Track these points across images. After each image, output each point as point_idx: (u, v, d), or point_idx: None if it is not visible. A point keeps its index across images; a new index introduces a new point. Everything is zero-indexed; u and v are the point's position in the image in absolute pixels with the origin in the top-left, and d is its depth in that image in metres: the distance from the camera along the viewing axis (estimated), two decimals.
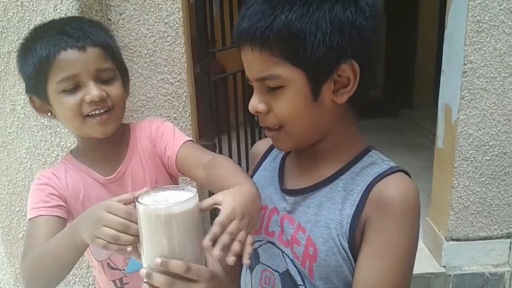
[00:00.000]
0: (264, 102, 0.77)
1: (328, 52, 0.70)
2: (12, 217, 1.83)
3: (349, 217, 0.75)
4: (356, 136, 0.83)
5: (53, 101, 0.94)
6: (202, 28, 2.11)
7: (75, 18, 1.02)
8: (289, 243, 0.81)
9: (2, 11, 1.60)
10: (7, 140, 1.73)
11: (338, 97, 0.75)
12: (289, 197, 0.84)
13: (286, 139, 0.80)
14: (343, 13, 0.69)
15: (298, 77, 0.73)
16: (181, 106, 1.90)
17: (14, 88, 1.66)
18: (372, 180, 0.76)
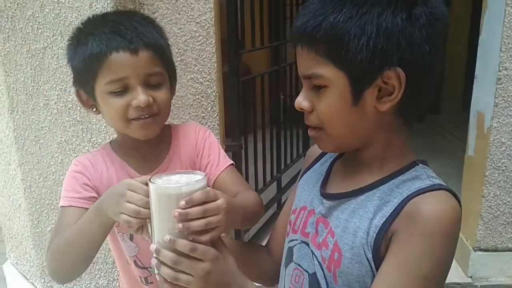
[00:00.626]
0: (308, 100, 0.77)
1: (370, 56, 0.69)
2: (41, 210, 1.87)
3: (377, 227, 0.73)
4: (404, 148, 0.80)
5: (100, 99, 0.94)
6: (233, 28, 2.10)
7: (129, 14, 0.98)
8: (320, 246, 0.82)
9: (38, 7, 1.63)
10: (40, 134, 1.76)
11: (381, 104, 0.73)
12: (326, 201, 0.84)
13: (326, 140, 0.80)
14: (392, 19, 0.68)
15: (340, 79, 0.73)
16: (209, 106, 1.91)
17: (48, 84, 1.69)
18: (410, 194, 0.73)
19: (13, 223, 2.07)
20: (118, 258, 1.08)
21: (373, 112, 0.74)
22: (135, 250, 1.03)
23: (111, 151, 1.04)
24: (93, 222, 0.86)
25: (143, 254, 1.03)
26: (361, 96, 0.73)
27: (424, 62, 0.71)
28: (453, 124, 4.59)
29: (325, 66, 0.73)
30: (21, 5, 1.63)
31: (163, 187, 0.72)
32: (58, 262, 0.92)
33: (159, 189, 0.72)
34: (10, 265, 2.24)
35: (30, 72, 1.70)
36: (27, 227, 1.93)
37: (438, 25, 0.72)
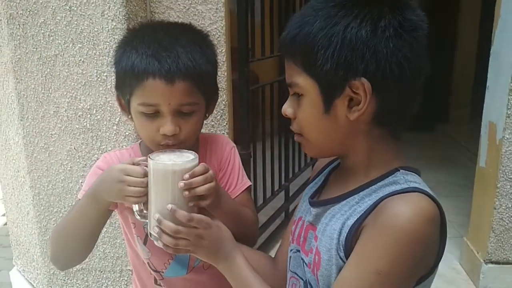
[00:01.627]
0: (292, 107, 0.82)
1: (335, 67, 0.72)
2: (49, 218, 1.86)
3: (348, 226, 0.75)
4: (388, 156, 0.80)
5: (133, 114, 0.96)
6: (243, 37, 2.10)
7: (179, 33, 0.94)
8: (307, 252, 0.85)
9: (50, 14, 1.63)
10: (49, 141, 1.75)
11: (350, 113, 0.75)
12: (313, 209, 0.86)
13: (308, 146, 0.84)
14: (357, 32, 0.71)
15: (312, 88, 0.77)
16: (219, 114, 1.90)
17: (58, 91, 1.69)
18: (383, 195, 0.74)
19: (20, 230, 2.07)
20: (136, 256, 1.09)
21: (344, 120, 0.76)
22: (148, 254, 1.04)
23: (138, 151, 1.06)
24: (90, 207, 0.90)
25: (156, 258, 1.04)
26: (332, 105, 0.76)
27: (393, 73, 0.72)
28: (462, 134, 4.55)
29: (300, 75, 0.77)
30: (33, 12, 1.64)
31: (170, 165, 0.82)
32: (58, 245, 0.97)
33: (168, 167, 0.81)
34: (16, 272, 2.23)
35: (40, 79, 1.70)
36: (35, 234, 1.92)
37: (409, 37, 0.73)
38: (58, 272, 1.92)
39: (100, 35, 1.62)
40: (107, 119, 1.70)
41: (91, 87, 1.67)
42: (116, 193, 0.85)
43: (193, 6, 1.79)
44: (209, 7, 1.79)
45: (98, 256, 1.88)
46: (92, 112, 1.70)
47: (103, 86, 1.67)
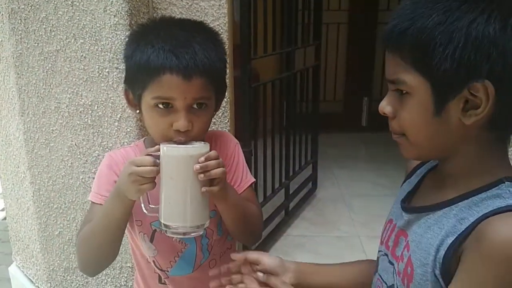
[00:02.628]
0: (391, 105, 0.75)
1: (456, 66, 0.66)
2: (49, 214, 1.85)
3: (447, 244, 0.70)
4: (494, 165, 0.74)
5: (145, 109, 0.96)
6: (246, 35, 2.09)
7: (195, 29, 0.97)
8: (398, 259, 0.81)
9: (52, 9, 1.62)
10: (50, 137, 1.74)
11: (466, 117, 0.69)
12: (405, 214, 0.82)
13: (408, 147, 0.77)
14: (484, 28, 0.64)
15: (423, 88, 0.70)
16: (220, 112, 1.89)
17: (60, 87, 1.68)
18: (486, 212, 0.67)
19: (20, 226, 2.06)
20: (140, 255, 1.09)
21: (457, 124, 0.70)
22: (154, 252, 1.04)
23: (143, 148, 1.06)
24: (115, 206, 0.91)
25: (162, 256, 1.04)
26: (444, 107, 0.70)
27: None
28: None
29: (409, 72, 0.70)
30: (35, 7, 1.62)
31: (186, 149, 0.85)
32: (87, 251, 0.98)
33: (183, 152, 0.84)
34: (16, 268, 2.22)
35: (42, 75, 1.69)
36: (35, 230, 1.91)
37: None
38: (57, 268, 1.92)
39: (102, 31, 1.61)
40: (108, 115, 1.69)
41: (93, 83, 1.66)
42: (131, 188, 0.86)
43: (196, 3, 1.77)
44: (212, 3, 1.78)
45: None
46: (94, 108, 1.69)
47: (104, 82, 1.66)
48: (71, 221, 1.84)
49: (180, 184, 0.84)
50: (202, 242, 1.04)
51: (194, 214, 0.86)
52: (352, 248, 2.62)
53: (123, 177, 0.88)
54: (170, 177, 0.84)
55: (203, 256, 1.05)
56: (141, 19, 1.68)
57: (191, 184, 0.84)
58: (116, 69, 1.64)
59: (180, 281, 1.06)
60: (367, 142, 4.43)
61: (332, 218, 2.99)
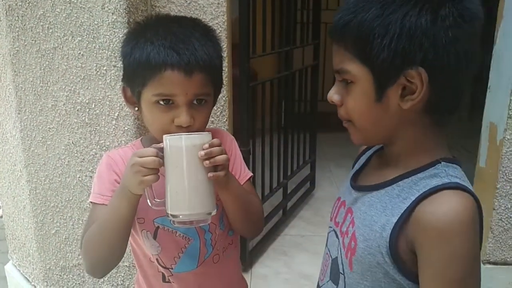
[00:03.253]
0: (339, 94, 0.81)
1: (392, 55, 0.71)
2: (46, 213, 1.84)
3: (393, 223, 0.75)
4: (431, 147, 0.80)
5: (145, 106, 0.96)
6: (245, 33, 2.08)
7: (192, 26, 0.97)
8: (343, 234, 0.87)
9: (50, 7, 1.61)
10: (47, 135, 1.73)
11: (403, 102, 0.75)
12: (354, 192, 0.88)
13: (356, 133, 0.83)
14: (416, 20, 0.70)
15: (365, 76, 0.75)
16: (219, 111, 1.88)
17: (57, 84, 1.67)
18: (424, 191, 0.74)
19: (16, 225, 2.05)
20: (142, 255, 1.08)
21: (397, 109, 0.76)
22: (157, 250, 1.03)
23: (141, 147, 1.05)
24: (121, 204, 0.90)
25: (165, 252, 1.03)
26: (385, 94, 0.75)
27: (450, 63, 0.71)
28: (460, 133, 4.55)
29: (352, 62, 0.76)
30: (32, 4, 1.61)
31: (190, 138, 0.85)
32: (94, 251, 0.96)
33: (187, 141, 0.85)
34: (12, 266, 2.21)
35: (39, 72, 1.67)
36: (31, 229, 1.90)
37: (468, 26, 0.72)
38: (54, 267, 1.91)
39: (100, 29, 1.60)
40: (106, 113, 1.68)
41: (90, 81, 1.65)
42: (134, 180, 0.86)
43: (194, 1, 1.77)
44: (211, 1, 1.77)
45: None
46: (91, 107, 1.68)
47: (102, 80, 1.65)
48: (68, 220, 1.83)
49: (186, 172, 0.85)
50: (205, 237, 1.04)
51: (201, 201, 0.87)
52: None
53: (127, 170, 0.88)
54: (176, 166, 0.85)
55: (206, 251, 1.05)
56: (139, 16, 1.67)
57: (196, 172, 0.85)
58: (114, 67, 1.63)
59: (185, 278, 1.05)
60: None
61: None
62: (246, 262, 2.40)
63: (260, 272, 2.41)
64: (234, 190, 0.96)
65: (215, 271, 1.07)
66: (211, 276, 1.07)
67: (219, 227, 1.05)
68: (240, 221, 1.05)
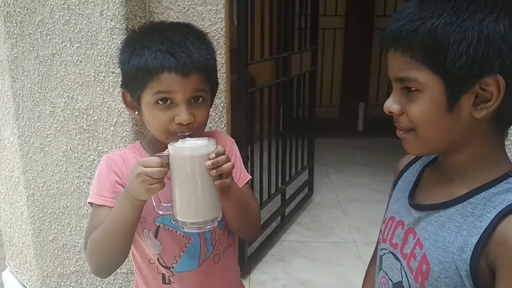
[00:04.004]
0: (398, 103, 0.77)
1: (470, 62, 0.69)
2: (43, 219, 1.83)
3: (473, 244, 0.71)
4: (498, 158, 0.77)
5: (145, 108, 0.98)
6: (243, 40, 2.09)
7: (186, 31, 1.01)
8: (407, 257, 0.83)
9: (48, 13, 1.61)
10: (45, 142, 1.73)
11: (477, 111, 0.72)
12: (415, 211, 0.84)
13: (415, 142, 0.79)
14: (494, 26, 0.68)
15: (435, 84, 0.72)
16: (217, 117, 1.88)
17: (55, 91, 1.67)
18: (503, 208, 0.70)
19: (14, 231, 2.04)
20: (140, 258, 1.09)
21: (468, 118, 0.73)
22: (159, 249, 1.05)
23: (141, 149, 1.08)
24: (126, 207, 0.92)
25: (166, 252, 1.04)
26: (457, 103, 0.72)
27: None
28: None
29: (420, 70, 0.73)
30: (31, 11, 1.61)
31: (196, 148, 0.86)
32: (98, 254, 0.98)
33: (194, 151, 0.86)
34: (9, 273, 2.20)
35: (37, 79, 1.67)
36: (29, 235, 1.89)
37: None
38: (51, 274, 1.90)
39: (99, 35, 1.60)
40: (104, 119, 1.68)
41: (88, 87, 1.65)
42: (140, 189, 0.88)
43: (192, 7, 1.77)
44: (209, 8, 1.78)
45: None
46: (89, 113, 1.68)
47: (100, 87, 1.65)
48: (66, 227, 1.83)
49: (193, 181, 0.86)
50: (205, 237, 1.05)
51: (208, 208, 0.89)
52: (348, 254, 2.61)
53: (132, 179, 0.89)
54: (183, 176, 0.86)
55: (207, 250, 1.06)
56: (137, 23, 1.68)
57: (203, 180, 0.87)
58: (112, 73, 1.63)
59: (186, 278, 1.06)
60: (363, 147, 4.43)
61: (328, 224, 2.97)
62: (244, 269, 2.39)
63: (259, 279, 2.40)
64: (234, 194, 0.97)
65: (215, 271, 1.08)
66: (212, 276, 1.08)
67: (219, 227, 1.06)
68: (237, 223, 1.06)
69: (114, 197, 1.00)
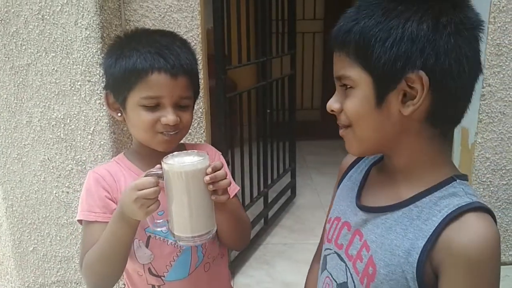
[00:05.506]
0: (338, 102, 0.81)
1: (393, 58, 0.72)
2: (23, 230, 1.82)
3: (419, 248, 0.73)
4: (441, 161, 0.79)
5: (130, 109, 1.00)
6: (220, 46, 2.10)
7: (171, 37, 1.05)
8: (353, 258, 0.84)
9: (22, 23, 1.61)
10: (22, 152, 1.72)
11: (404, 108, 0.74)
12: (362, 213, 0.85)
13: (354, 141, 0.82)
14: (418, 25, 0.71)
15: (365, 81, 0.76)
16: (196, 122, 1.89)
17: (31, 101, 1.67)
18: (449, 213, 0.72)
19: None
20: (130, 270, 1.09)
21: (398, 116, 0.75)
22: (150, 258, 1.05)
23: (126, 160, 1.08)
24: (121, 228, 0.93)
25: (158, 260, 1.05)
26: (385, 99, 0.75)
27: (451, 70, 0.72)
28: None
29: (353, 68, 0.77)
30: (5, 22, 1.61)
31: (193, 164, 0.86)
32: (95, 274, 0.99)
33: (190, 166, 0.86)
34: None
35: (13, 89, 1.67)
36: (8, 247, 1.88)
37: (469, 35, 0.73)
38: (32, 284, 1.88)
39: (74, 44, 1.61)
40: (81, 128, 1.68)
41: (65, 97, 1.65)
42: (138, 212, 0.88)
43: (168, 14, 1.78)
44: (185, 15, 1.79)
45: (73, 268, 1.85)
46: (66, 122, 1.67)
47: (77, 96, 1.65)
48: (46, 237, 1.82)
49: (188, 198, 0.87)
50: (196, 245, 1.06)
51: (203, 223, 0.90)
52: None
53: (128, 204, 0.88)
54: (180, 192, 0.87)
55: (198, 258, 1.07)
56: (113, 31, 1.68)
57: (199, 196, 0.88)
58: (88, 82, 1.63)
59: (176, 287, 1.07)
60: (345, 149, 4.45)
61: (311, 225, 3.00)
62: None
63: (242, 282, 2.41)
64: (229, 207, 0.99)
65: (206, 280, 1.09)
66: (202, 285, 1.09)
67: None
68: (230, 235, 1.07)
69: (105, 212, 1.00)
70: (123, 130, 1.78)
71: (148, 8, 1.76)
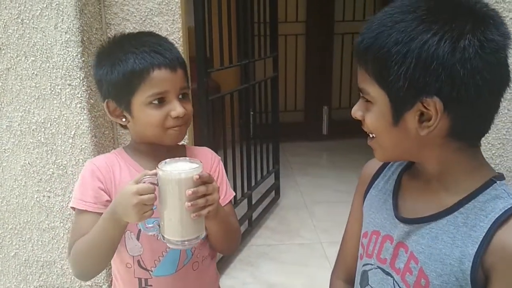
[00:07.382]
0: (361, 110, 0.81)
1: (407, 85, 0.71)
2: (4, 235, 1.81)
3: (471, 256, 0.73)
4: (475, 164, 0.79)
5: (138, 111, 1.02)
6: (201, 49, 2.11)
7: (158, 36, 1.10)
8: (401, 271, 0.82)
9: (2, 28, 1.60)
10: (3, 157, 1.71)
11: (421, 128, 0.74)
12: (403, 225, 0.83)
13: (378, 149, 0.83)
14: (435, 50, 0.69)
15: (382, 99, 0.76)
16: None
17: (11, 105, 1.66)
18: (497, 217, 0.72)
19: None
20: (119, 261, 1.10)
21: (415, 134, 0.75)
22: (140, 250, 1.07)
23: (125, 154, 1.10)
24: (111, 226, 0.95)
25: (147, 254, 1.07)
26: (401, 118, 0.75)
27: (469, 95, 0.70)
28: None
29: (371, 84, 0.77)
30: None
31: (185, 173, 0.88)
32: (82, 264, 1.03)
33: (184, 174, 0.88)
34: None
35: None
36: None
37: (490, 58, 0.69)
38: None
39: (54, 48, 1.60)
40: (62, 132, 1.67)
41: (45, 101, 1.65)
42: (135, 216, 0.90)
43: (149, 18, 1.79)
44: (166, 18, 1.80)
45: (56, 273, 1.84)
46: (47, 126, 1.67)
47: (57, 99, 1.64)
48: (27, 242, 1.80)
49: (179, 203, 0.89)
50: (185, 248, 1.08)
51: (193, 228, 0.92)
52: (314, 254, 2.66)
53: (126, 206, 0.90)
54: (172, 198, 0.89)
55: (186, 256, 1.09)
56: (93, 35, 1.68)
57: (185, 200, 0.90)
58: (68, 85, 1.63)
59: (163, 282, 1.08)
60: (328, 150, 4.51)
61: (295, 226, 3.02)
62: None
63: (227, 284, 2.42)
64: (220, 215, 1.00)
65: (193, 278, 1.10)
66: (190, 283, 1.10)
67: None
68: (217, 240, 1.10)
69: (96, 203, 1.02)
70: (104, 134, 1.78)
71: (129, 12, 1.77)
